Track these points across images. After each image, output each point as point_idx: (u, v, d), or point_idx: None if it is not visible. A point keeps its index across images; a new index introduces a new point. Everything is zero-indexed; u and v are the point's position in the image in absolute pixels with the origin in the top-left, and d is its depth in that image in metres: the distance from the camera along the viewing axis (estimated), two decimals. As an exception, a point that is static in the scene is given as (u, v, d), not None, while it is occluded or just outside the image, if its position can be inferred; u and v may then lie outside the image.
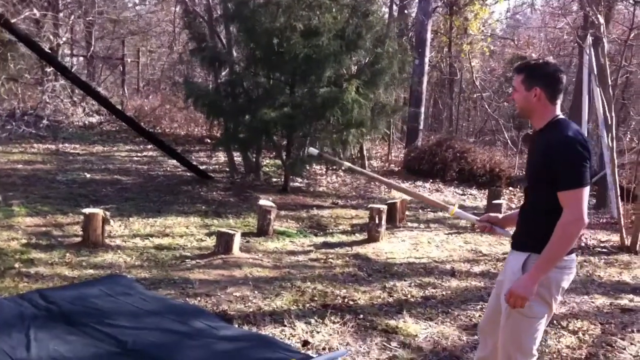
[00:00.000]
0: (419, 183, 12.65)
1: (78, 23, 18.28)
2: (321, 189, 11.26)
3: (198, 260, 6.27)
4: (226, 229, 6.81)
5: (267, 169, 12.59)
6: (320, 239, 7.66)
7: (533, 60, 3.01)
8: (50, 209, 7.93)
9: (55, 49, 15.28)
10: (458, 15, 19.34)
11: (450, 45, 19.74)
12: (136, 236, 7.12)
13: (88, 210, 6.78)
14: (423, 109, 15.58)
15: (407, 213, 9.15)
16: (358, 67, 10.82)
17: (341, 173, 12.61)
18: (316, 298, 5.29)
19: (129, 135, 14.52)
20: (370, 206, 7.88)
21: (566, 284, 2.90)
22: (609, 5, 12.20)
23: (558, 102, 2.89)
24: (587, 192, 2.73)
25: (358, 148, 13.59)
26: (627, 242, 7.75)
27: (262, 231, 7.54)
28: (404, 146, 15.73)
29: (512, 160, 14.96)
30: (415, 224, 8.83)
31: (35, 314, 4.34)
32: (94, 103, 14.27)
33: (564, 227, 2.70)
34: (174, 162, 11.75)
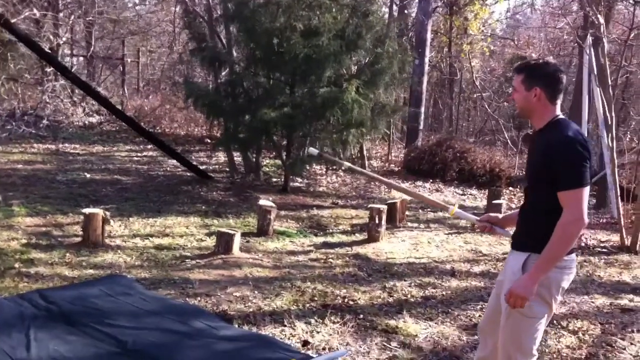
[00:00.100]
0: (419, 183, 12.65)
1: (78, 23, 18.27)
2: (321, 189, 11.26)
3: (198, 260, 6.27)
4: (226, 229, 6.81)
5: (267, 169, 12.59)
6: (320, 239, 7.66)
7: (533, 60, 3.01)
8: (50, 209, 7.93)
9: (55, 49, 15.28)
10: (458, 15, 19.34)
11: (450, 45, 19.74)
12: (136, 236, 7.12)
13: (88, 210, 6.78)
14: (423, 109, 15.58)
15: (407, 213, 9.15)
16: (358, 67, 10.82)
17: (341, 173, 12.61)
18: (316, 298, 5.29)
19: (129, 135, 14.52)
20: (370, 206, 7.88)
21: (566, 284, 2.90)
22: (609, 5, 12.19)
23: (558, 102, 2.89)
24: (587, 192, 2.73)
25: (358, 148, 13.59)
26: (627, 242, 7.75)
27: (262, 231, 7.54)
28: (404, 146, 15.73)
29: (512, 160, 14.96)
30: (415, 224, 8.83)
31: (35, 314, 4.34)
32: (94, 103, 14.27)
33: (564, 227, 2.70)
34: (174, 162, 11.75)
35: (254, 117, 9.50)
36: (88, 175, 10.58)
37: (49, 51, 13.57)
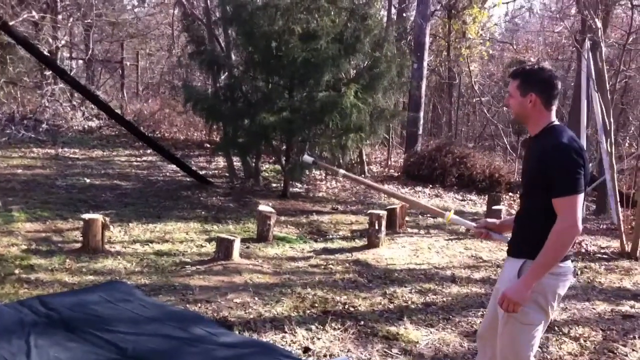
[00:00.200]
0: (419, 188, 12.63)
1: (77, 26, 18.26)
2: (321, 195, 11.25)
3: (198, 266, 6.26)
4: (226, 235, 6.79)
5: (267, 174, 12.58)
6: (320, 245, 7.65)
7: (528, 65, 3.02)
8: (50, 215, 7.92)
9: (54, 52, 15.27)
10: (456, 19, 19.31)
11: (448, 49, 19.73)
12: (136, 242, 7.11)
13: (88, 215, 6.78)
14: (422, 114, 15.54)
15: (407, 219, 9.14)
16: (357, 71, 10.80)
17: (340, 178, 12.60)
18: (317, 304, 5.29)
19: (129, 139, 14.51)
20: (369, 212, 7.86)
21: (562, 291, 2.91)
22: (607, 9, 12.20)
23: (553, 108, 2.91)
24: (582, 199, 2.74)
25: (357, 153, 13.60)
26: (628, 248, 7.75)
27: (262, 237, 7.54)
28: (404, 151, 15.71)
29: (512, 165, 14.96)
30: (415, 230, 8.83)
31: (35, 321, 4.32)
32: (94, 107, 14.24)
33: (558, 234, 2.71)
34: (174, 167, 11.74)
35: (253, 122, 9.48)
36: (88, 180, 10.56)
37: (48, 54, 13.58)
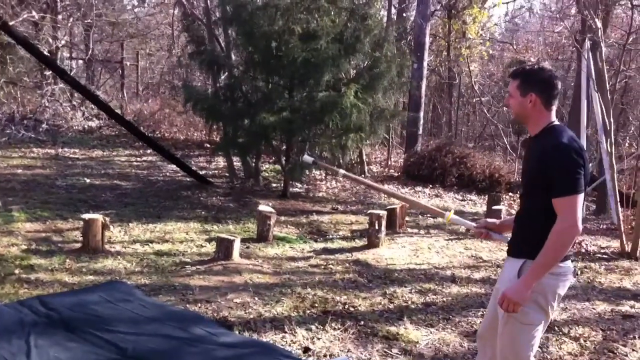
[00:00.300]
0: (419, 188, 12.63)
1: (77, 25, 18.25)
2: (321, 195, 11.25)
3: (198, 266, 6.26)
4: (226, 235, 6.79)
5: (267, 174, 12.58)
6: (320, 245, 7.65)
7: (528, 65, 3.03)
8: (50, 215, 7.92)
9: (54, 52, 15.26)
10: (456, 19, 19.31)
11: (449, 49, 19.72)
12: (136, 242, 7.11)
13: (88, 215, 6.78)
14: (422, 114, 15.53)
15: (407, 219, 9.14)
16: (357, 71, 10.79)
17: (340, 178, 12.59)
18: (317, 304, 5.29)
19: (129, 139, 14.50)
20: (369, 212, 7.86)
21: (562, 291, 2.91)
22: (607, 9, 12.20)
23: (553, 108, 2.91)
24: (582, 199, 2.74)
25: (357, 153, 13.59)
26: (628, 248, 7.75)
27: (262, 237, 7.54)
28: (404, 151, 15.71)
29: (512, 165, 14.96)
30: (415, 230, 8.82)
31: (35, 321, 4.32)
32: (94, 107, 14.24)
33: (558, 234, 2.71)
34: (174, 167, 11.74)
35: (253, 122, 9.48)
36: (88, 180, 10.56)
37: (48, 54, 13.57)
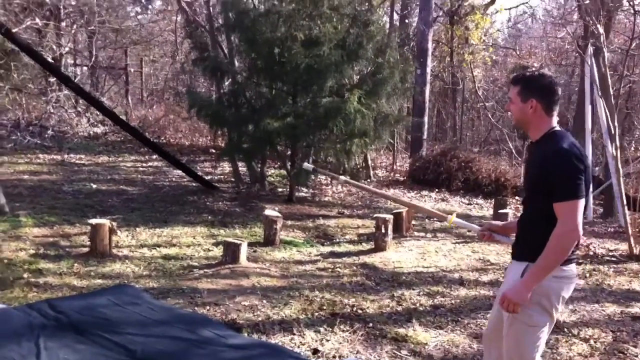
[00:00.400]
0: (425, 193, 12.63)
1: (80, 32, 18.32)
2: (327, 199, 11.25)
3: (206, 269, 6.27)
4: (233, 239, 6.80)
5: (272, 179, 12.60)
6: (327, 249, 7.65)
7: (528, 72, 3.04)
8: (57, 220, 7.94)
9: (58, 59, 15.32)
10: (459, 25, 19.35)
11: (452, 55, 19.75)
12: (143, 246, 7.12)
13: (95, 220, 6.78)
14: (426, 119, 15.54)
15: (414, 222, 9.12)
16: (360, 77, 10.82)
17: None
18: (325, 307, 5.28)
19: (134, 145, 14.55)
20: (376, 216, 7.87)
21: (566, 294, 2.94)
22: (609, 15, 12.20)
23: (554, 114, 2.93)
24: (582, 204, 2.75)
25: (362, 158, 13.60)
26: (636, 251, 7.72)
27: (269, 241, 7.54)
28: (409, 156, 15.71)
29: (518, 169, 14.89)
30: (422, 234, 8.81)
31: (44, 324, 4.32)
32: (99, 113, 14.28)
33: (558, 238, 2.74)
34: (179, 173, 11.77)
35: (257, 127, 9.50)
36: (94, 185, 10.60)
37: (52, 61, 13.62)
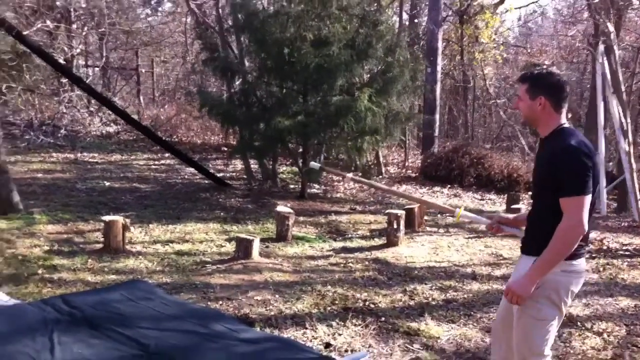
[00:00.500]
0: (437, 189, 12.62)
1: (91, 34, 18.42)
2: (338, 195, 11.26)
3: (218, 265, 6.29)
4: (245, 235, 6.82)
5: (284, 176, 12.63)
6: (339, 244, 7.66)
7: (537, 69, 3.06)
8: (71, 217, 8.00)
9: (69, 60, 15.43)
10: (469, 24, 19.29)
11: (462, 53, 19.70)
12: (157, 242, 7.16)
13: (108, 217, 6.83)
14: (438, 116, 15.55)
15: (426, 218, 9.11)
16: (370, 76, 10.86)
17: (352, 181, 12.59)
18: (337, 301, 5.29)
19: (147, 144, 14.61)
20: (388, 212, 7.86)
21: (576, 288, 2.96)
22: (619, 13, 12.12)
23: (563, 111, 2.93)
24: (589, 201, 2.77)
25: (374, 155, 13.61)
26: (650, 245, 7.68)
27: (281, 236, 7.56)
28: (420, 152, 15.71)
29: (530, 165, 14.82)
30: (434, 229, 8.80)
31: (58, 319, 4.34)
32: (111, 113, 14.36)
33: (563, 232, 2.76)
34: (192, 170, 11.82)
35: (269, 126, 9.55)
36: (107, 183, 10.67)
37: (64, 62, 13.71)
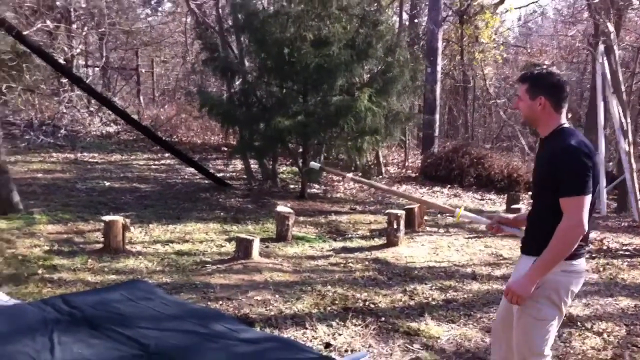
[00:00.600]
0: (437, 189, 12.62)
1: (91, 34, 18.43)
2: (338, 195, 11.26)
3: (218, 265, 6.29)
4: (245, 235, 6.82)
5: (284, 176, 12.63)
6: (339, 244, 7.67)
7: (537, 70, 3.06)
8: (71, 217, 8.00)
9: (69, 60, 15.43)
10: (469, 24, 19.29)
11: (462, 53, 19.70)
12: (156, 242, 7.17)
13: (108, 217, 6.83)
14: (438, 116, 15.55)
15: (426, 218, 9.11)
16: (370, 76, 10.87)
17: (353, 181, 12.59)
18: (337, 301, 5.29)
19: (147, 144, 14.61)
20: (388, 212, 7.86)
21: (576, 288, 2.96)
22: (619, 13, 12.12)
23: (563, 111, 2.94)
24: (588, 201, 2.77)
25: (374, 155, 13.60)
26: (650, 245, 7.68)
27: (281, 236, 7.56)
28: (420, 152, 15.71)
29: (530, 165, 14.82)
30: (434, 229, 8.80)
31: (58, 319, 4.34)
32: (111, 113, 14.36)
33: (563, 232, 2.77)
34: (192, 170, 11.82)
35: (269, 126, 9.55)
36: (107, 183, 10.67)
37: (64, 62, 13.71)
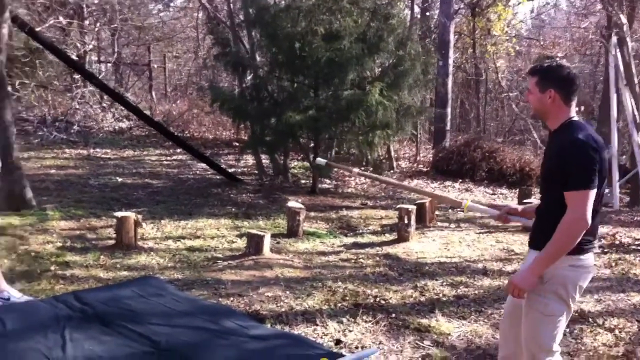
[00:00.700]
0: (448, 183, 12.58)
1: (104, 30, 18.51)
2: (350, 190, 11.26)
3: (229, 261, 6.32)
4: (256, 231, 6.85)
5: (295, 171, 12.64)
6: (350, 240, 7.66)
7: (546, 62, 3.04)
8: (83, 213, 8.06)
9: (82, 56, 15.52)
10: (481, 16, 19.17)
11: (474, 46, 19.58)
12: (168, 238, 7.20)
13: (120, 213, 6.87)
14: (449, 110, 15.49)
15: (437, 213, 9.07)
16: (381, 70, 10.84)
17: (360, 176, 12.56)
18: (347, 297, 5.30)
19: (159, 139, 14.68)
20: (399, 207, 7.85)
21: (584, 283, 2.96)
22: (632, 5, 11.99)
23: (573, 104, 2.93)
24: (593, 195, 2.76)
25: (385, 149, 13.58)
26: (663, 240, 7.61)
27: (292, 232, 7.57)
28: (432, 147, 15.65)
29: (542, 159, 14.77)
30: (445, 224, 8.77)
31: (70, 315, 4.37)
32: (123, 108, 14.43)
33: (566, 225, 2.77)
34: (203, 166, 11.86)
35: (280, 121, 9.56)
36: (119, 179, 10.73)
37: (77, 58, 13.77)
